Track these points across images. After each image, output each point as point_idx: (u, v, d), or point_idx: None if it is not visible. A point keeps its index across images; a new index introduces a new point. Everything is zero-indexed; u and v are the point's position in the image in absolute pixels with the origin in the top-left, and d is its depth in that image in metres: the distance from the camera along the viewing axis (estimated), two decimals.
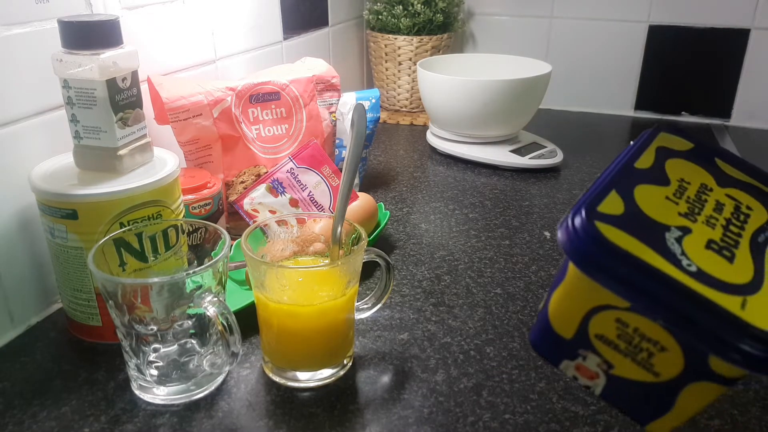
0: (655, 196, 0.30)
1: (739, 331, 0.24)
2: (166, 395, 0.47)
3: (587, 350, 0.29)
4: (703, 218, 0.30)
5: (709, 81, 1.19)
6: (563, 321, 0.29)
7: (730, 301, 0.25)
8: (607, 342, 0.28)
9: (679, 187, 0.32)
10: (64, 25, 0.49)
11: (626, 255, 0.25)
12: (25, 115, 0.55)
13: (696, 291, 0.25)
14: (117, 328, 0.46)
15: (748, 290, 0.26)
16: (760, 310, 0.25)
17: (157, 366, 0.47)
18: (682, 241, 0.28)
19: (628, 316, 0.27)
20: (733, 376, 0.27)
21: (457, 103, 0.94)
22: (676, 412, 0.28)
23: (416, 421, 0.45)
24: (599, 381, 0.29)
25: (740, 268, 0.28)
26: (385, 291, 0.53)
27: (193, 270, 0.44)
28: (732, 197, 0.33)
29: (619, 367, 0.28)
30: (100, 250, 0.47)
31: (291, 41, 1.00)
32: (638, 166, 0.32)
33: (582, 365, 0.29)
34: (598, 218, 0.27)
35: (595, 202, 0.27)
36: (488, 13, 1.28)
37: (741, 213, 0.32)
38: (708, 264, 0.27)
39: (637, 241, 0.26)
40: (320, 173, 0.70)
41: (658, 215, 0.29)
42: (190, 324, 0.46)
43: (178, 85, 0.69)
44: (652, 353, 0.27)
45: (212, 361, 0.47)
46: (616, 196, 0.29)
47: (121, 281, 0.45)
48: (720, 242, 0.29)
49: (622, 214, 0.28)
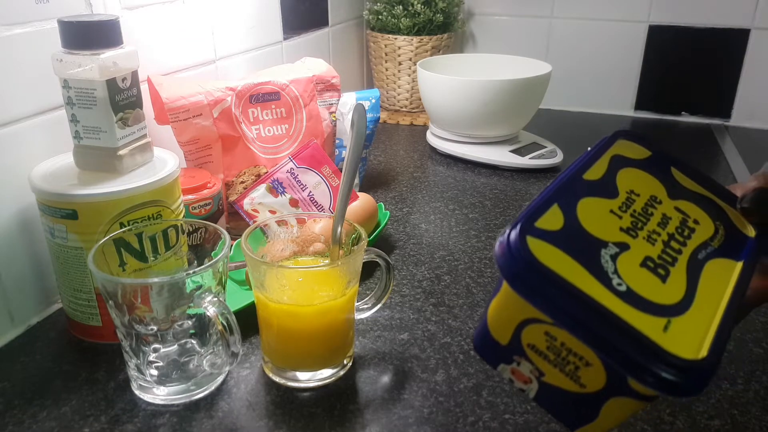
0: (598, 210, 0.30)
1: (654, 356, 0.25)
2: (166, 395, 0.47)
3: (521, 357, 0.29)
4: (645, 233, 0.30)
5: (709, 81, 1.19)
6: (499, 328, 0.30)
7: (652, 323, 0.26)
8: (537, 352, 0.29)
9: (627, 199, 0.32)
10: (64, 25, 0.49)
11: (550, 274, 0.25)
12: (25, 115, 0.55)
13: (616, 314, 0.25)
14: (117, 328, 0.46)
15: (674, 311, 0.27)
16: (683, 333, 0.26)
17: (157, 366, 0.47)
18: (617, 259, 0.28)
19: (555, 331, 0.27)
20: (651, 395, 0.27)
21: (457, 103, 0.94)
22: (600, 422, 0.29)
23: (416, 421, 0.45)
24: (532, 386, 0.30)
25: (672, 288, 0.28)
26: (385, 291, 0.53)
27: (193, 270, 0.44)
28: (680, 210, 0.33)
29: (549, 375, 0.29)
30: (100, 250, 0.47)
31: (291, 41, 1.00)
32: (587, 177, 0.32)
33: (517, 370, 0.30)
34: (534, 234, 0.27)
35: (534, 217, 0.28)
36: (488, 13, 1.28)
37: (686, 227, 0.32)
38: (639, 283, 0.27)
39: (569, 259, 0.26)
40: (320, 173, 0.70)
41: (597, 231, 0.29)
42: (190, 324, 0.46)
43: (178, 85, 0.69)
44: (578, 366, 0.28)
45: (212, 361, 0.47)
46: (558, 210, 0.29)
47: (121, 281, 0.45)
48: (657, 260, 0.29)
49: (560, 229, 0.28)
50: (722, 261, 0.31)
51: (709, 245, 0.31)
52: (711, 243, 0.32)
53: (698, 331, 0.26)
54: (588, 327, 0.25)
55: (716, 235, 0.32)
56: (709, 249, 0.31)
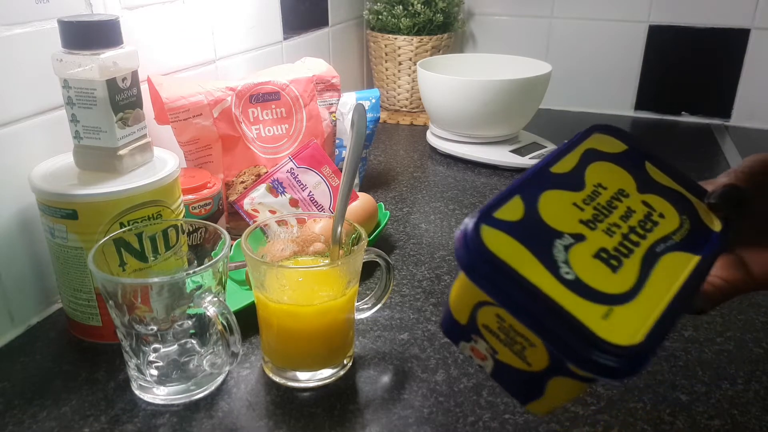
0: (560, 202, 0.31)
1: (586, 341, 0.26)
2: (166, 395, 0.47)
3: (477, 336, 0.31)
4: (604, 226, 0.31)
5: (709, 81, 1.19)
6: (458, 309, 0.32)
7: (593, 310, 0.27)
8: (490, 331, 0.31)
9: (593, 192, 0.33)
10: (64, 25, 0.49)
11: (498, 262, 0.27)
12: (25, 115, 0.55)
13: (556, 301, 0.27)
14: (117, 328, 0.46)
15: (618, 300, 0.28)
16: (623, 321, 0.27)
17: (157, 366, 0.47)
18: (570, 249, 0.29)
19: (503, 313, 0.29)
20: (589, 377, 0.29)
21: (457, 103, 0.94)
22: (546, 399, 0.31)
23: (416, 421, 0.45)
24: (488, 363, 0.32)
25: (622, 278, 0.29)
26: (385, 291, 0.53)
27: (193, 270, 0.44)
28: (647, 203, 0.34)
29: (501, 354, 0.31)
30: (100, 250, 0.47)
31: (291, 41, 1.00)
32: (554, 170, 0.33)
33: (475, 347, 0.32)
34: (490, 223, 0.28)
35: (493, 208, 0.29)
36: (488, 13, 1.28)
37: (650, 221, 0.33)
38: (588, 273, 0.28)
39: (521, 248, 0.28)
40: (320, 173, 0.70)
41: (555, 222, 0.30)
42: (190, 324, 0.46)
43: (178, 85, 0.69)
44: (524, 347, 0.29)
45: (212, 361, 0.48)
46: (519, 201, 0.30)
47: (122, 281, 0.45)
48: (612, 251, 0.30)
49: (519, 220, 0.29)
50: (680, 254, 0.32)
51: (670, 239, 0.32)
52: (672, 237, 0.32)
53: (639, 319, 0.27)
54: (528, 312, 0.27)
55: (680, 229, 0.33)
56: (669, 242, 0.32)
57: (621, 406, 0.47)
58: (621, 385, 0.49)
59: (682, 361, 0.52)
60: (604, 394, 0.48)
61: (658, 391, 0.49)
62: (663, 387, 0.49)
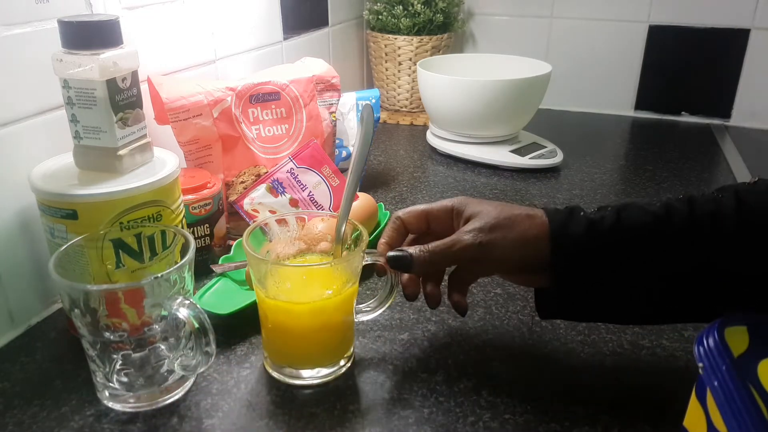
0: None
1: None
2: (135, 402, 0.46)
3: None
4: None
5: (709, 81, 1.19)
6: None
7: None
8: None
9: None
10: (64, 25, 0.49)
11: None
12: (25, 115, 0.55)
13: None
14: (82, 338, 0.45)
15: None
16: None
17: (126, 372, 0.45)
18: None
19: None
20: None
21: (457, 103, 0.94)
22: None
23: (416, 421, 0.45)
24: None
25: None
26: (390, 294, 0.53)
27: (161, 274, 0.43)
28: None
29: None
30: (64, 253, 0.46)
31: (291, 41, 1.00)
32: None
33: None
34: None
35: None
36: (488, 13, 1.28)
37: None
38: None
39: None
40: (320, 173, 0.70)
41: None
42: (160, 328, 0.45)
43: (178, 85, 0.69)
44: None
45: (184, 363, 0.46)
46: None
47: (86, 288, 0.43)
48: None
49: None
50: None
51: None
52: None
53: None
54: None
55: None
56: None
57: (621, 406, 0.47)
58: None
59: (683, 361, 0.52)
60: (604, 394, 0.48)
61: (659, 391, 0.49)
62: (663, 386, 0.49)
